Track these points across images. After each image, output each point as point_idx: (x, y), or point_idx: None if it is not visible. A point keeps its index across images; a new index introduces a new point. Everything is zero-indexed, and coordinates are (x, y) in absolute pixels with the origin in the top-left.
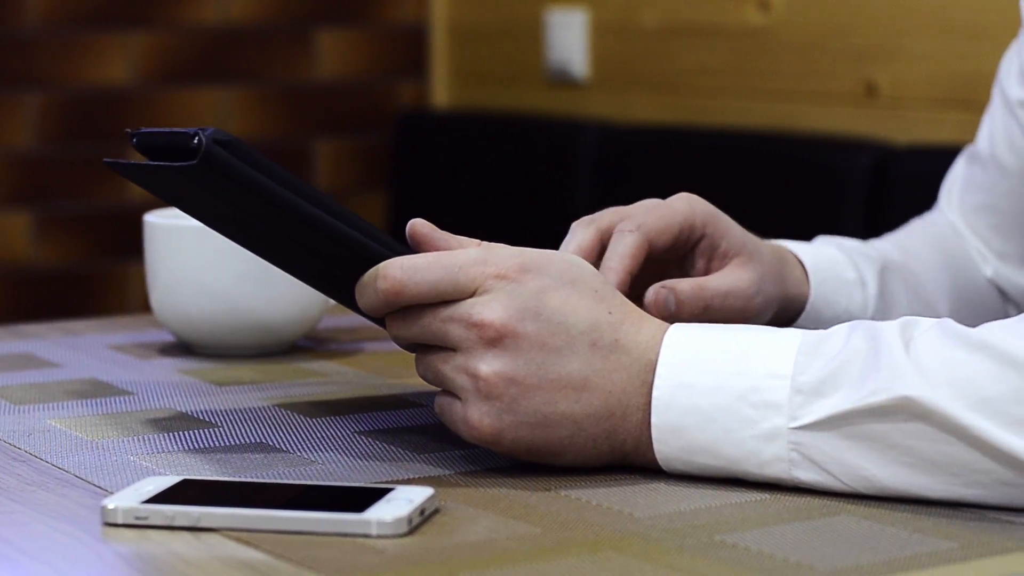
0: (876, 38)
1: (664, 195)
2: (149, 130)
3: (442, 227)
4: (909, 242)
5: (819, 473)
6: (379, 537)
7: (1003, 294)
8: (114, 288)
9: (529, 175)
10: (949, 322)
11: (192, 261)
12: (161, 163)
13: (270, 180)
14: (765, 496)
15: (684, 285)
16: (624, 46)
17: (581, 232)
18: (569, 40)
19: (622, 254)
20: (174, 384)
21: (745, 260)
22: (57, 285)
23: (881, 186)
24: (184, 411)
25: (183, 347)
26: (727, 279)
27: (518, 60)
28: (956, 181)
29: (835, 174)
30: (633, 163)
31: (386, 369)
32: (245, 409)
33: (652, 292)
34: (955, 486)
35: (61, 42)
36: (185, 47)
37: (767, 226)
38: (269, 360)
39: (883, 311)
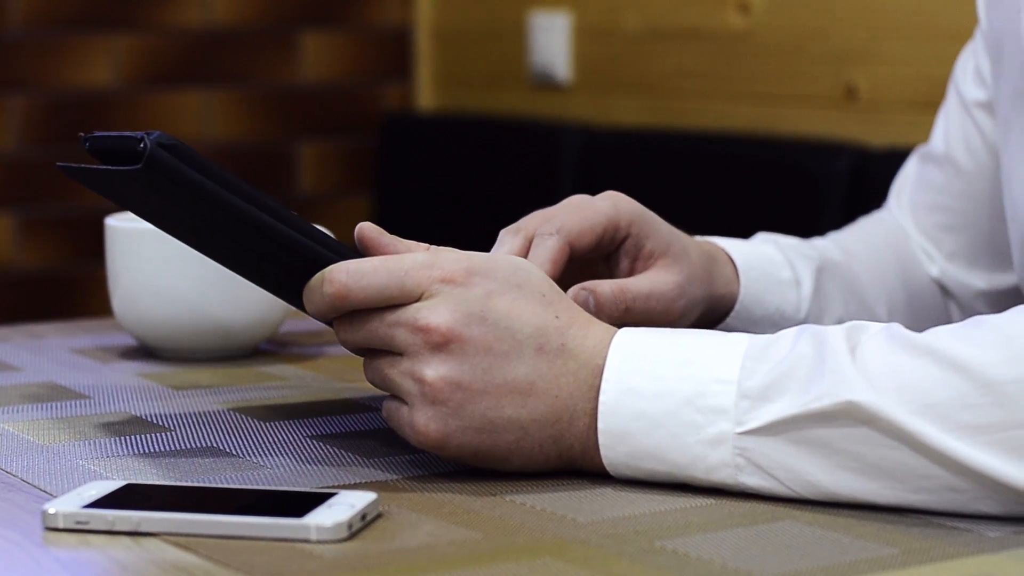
0: (855, 41)
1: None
2: (101, 134)
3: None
4: (852, 242)
5: (765, 478)
6: (319, 542)
7: (947, 293)
8: (96, 291)
9: (512, 177)
10: (896, 327)
11: (153, 265)
12: (108, 167)
13: (215, 184)
14: (711, 501)
15: (604, 287)
16: (606, 49)
17: (510, 240)
18: (552, 43)
19: (543, 259)
20: (132, 388)
21: (670, 262)
22: (40, 287)
23: (860, 188)
24: (138, 415)
25: (145, 351)
26: (649, 281)
27: (502, 63)
28: (907, 180)
29: (814, 177)
30: (615, 165)
31: (346, 373)
32: (199, 413)
33: (571, 293)
34: (900, 491)
35: (44, 44)
36: (169, 49)
37: (746, 228)
38: (230, 364)
39: (817, 311)
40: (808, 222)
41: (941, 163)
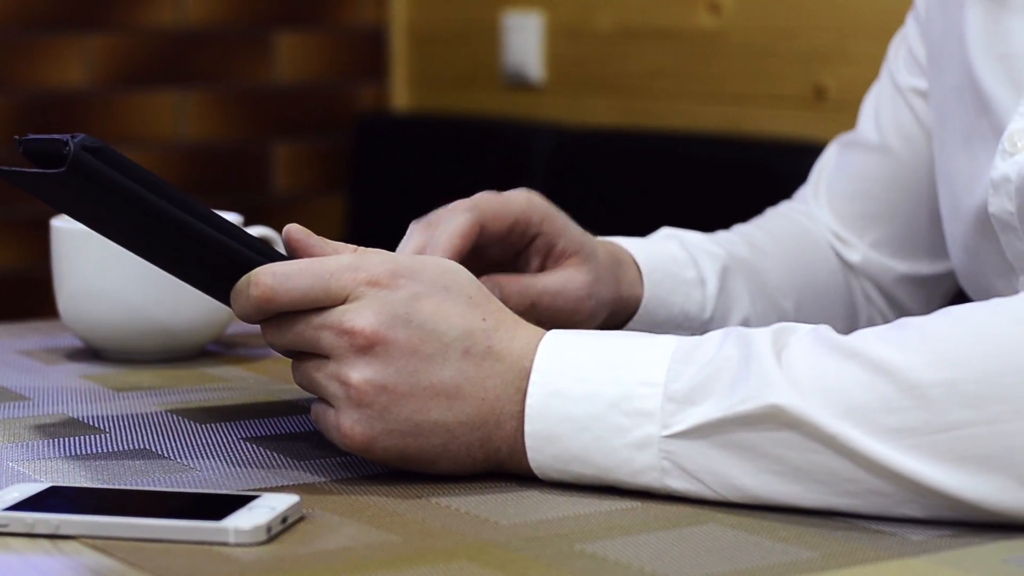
0: (824, 42)
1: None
2: (34, 137)
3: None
4: (758, 235)
5: (690, 482)
6: (237, 545)
7: (868, 279)
8: None
9: (485, 177)
10: (823, 329)
11: (97, 266)
12: (34, 171)
13: (140, 187)
14: (636, 504)
15: (511, 279)
16: (578, 49)
17: (418, 234)
18: (525, 43)
19: (451, 232)
20: (73, 389)
21: (580, 261)
22: (14, 288)
23: None
24: (75, 417)
25: (91, 352)
26: (558, 278)
27: (475, 63)
28: (826, 169)
29: (783, 177)
30: (586, 165)
31: (288, 375)
32: (137, 415)
33: None
34: (825, 495)
35: (17, 45)
36: (142, 50)
37: (716, 228)
38: (174, 365)
39: (723, 310)
40: None
41: (871, 151)
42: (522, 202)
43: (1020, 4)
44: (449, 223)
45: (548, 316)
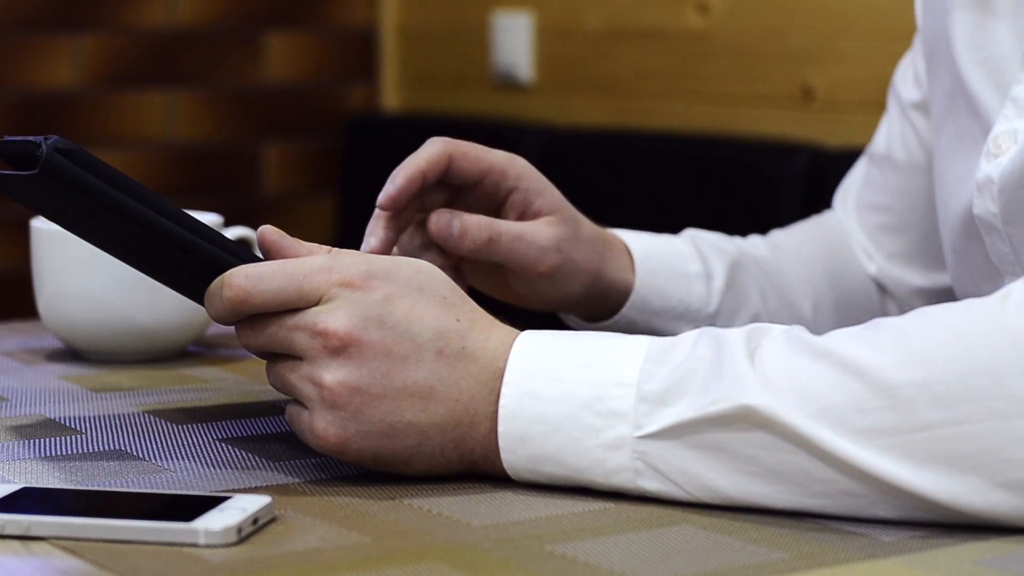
0: (812, 42)
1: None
2: (8, 139)
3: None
4: (785, 239)
5: (663, 482)
6: (207, 546)
7: (884, 291)
8: None
9: None
10: (797, 330)
11: (76, 267)
12: (7, 172)
13: (114, 189)
14: (609, 505)
15: (470, 214)
16: (568, 49)
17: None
18: (514, 43)
19: (420, 156)
20: (51, 390)
21: (555, 220)
22: (3, 289)
23: (815, 188)
24: (52, 417)
25: (71, 353)
26: (524, 225)
27: (466, 63)
28: (855, 180)
29: (771, 176)
30: (576, 165)
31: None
32: (113, 416)
33: (435, 215)
34: (797, 496)
35: (6, 45)
36: (133, 50)
37: (705, 227)
38: (154, 366)
39: (732, 305)
40: (765, 221)
41: (881, 162)
42: (501, 156)
43: (1004, 9)
44: (421, 150)
45: (508, 259)
